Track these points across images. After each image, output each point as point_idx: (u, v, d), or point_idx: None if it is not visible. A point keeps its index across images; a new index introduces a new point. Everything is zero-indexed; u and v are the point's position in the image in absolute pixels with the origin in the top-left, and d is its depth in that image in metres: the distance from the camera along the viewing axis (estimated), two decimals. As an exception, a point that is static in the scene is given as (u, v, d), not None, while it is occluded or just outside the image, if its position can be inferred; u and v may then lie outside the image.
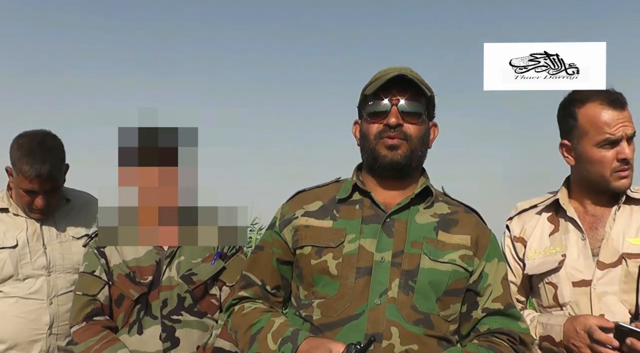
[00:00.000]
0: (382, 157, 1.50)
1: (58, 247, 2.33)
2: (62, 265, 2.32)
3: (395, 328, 1.38)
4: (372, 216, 1.51)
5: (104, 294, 2.00)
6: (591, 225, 1.82)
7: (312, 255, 1.49)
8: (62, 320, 2.29)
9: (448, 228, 1.53)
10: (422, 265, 1.45)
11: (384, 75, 1.51)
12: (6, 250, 2.25)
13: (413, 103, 1.51)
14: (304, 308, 1.50)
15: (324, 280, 1.46)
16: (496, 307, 1.52)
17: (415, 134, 1.51)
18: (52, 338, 2.28)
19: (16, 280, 2.25)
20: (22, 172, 2.16)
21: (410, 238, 1.48)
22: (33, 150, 2.16)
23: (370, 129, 1.53)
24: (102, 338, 1.92)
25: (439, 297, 1.45)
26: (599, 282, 1.74)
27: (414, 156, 1.53)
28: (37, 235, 2.31)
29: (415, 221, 1.52)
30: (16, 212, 2.32)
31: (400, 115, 1.49)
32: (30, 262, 2.27)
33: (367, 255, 1.45)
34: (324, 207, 1.58)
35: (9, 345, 2.24)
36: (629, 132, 1.73)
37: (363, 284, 1.43)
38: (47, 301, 2.27)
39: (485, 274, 1.53)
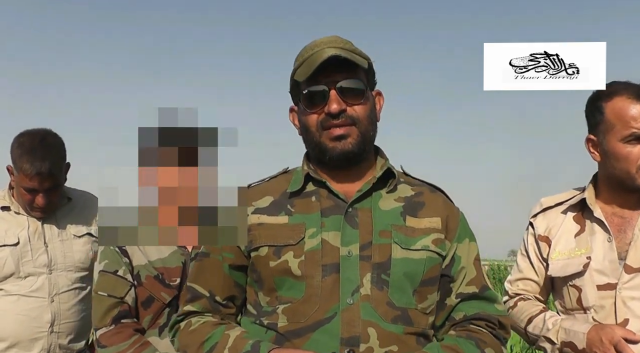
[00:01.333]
0: (331, 150, 1.35)
1: (59, 245, 2.34)
2: (64, 263, 2.32)
3: (372, 329, 1.25)
4: (332, 207, 1.36)
5: (131, 296, 1.93)
6: (619, 227, 1.78)
7: (270, 256, 1.33)
8: (63, 318, 2.29)
9: (415, 212, 1.39)
10: (394, 255, 1.31)
11: (313, 56, 1.33)
12: (7, 248, 2.25)
13: (353, 81, 1.35)
14: (266, 315, 1.33)
15: (287, 282, 1.31)
16: (470, 290, 1.39)
17: (363, 114, 1.36)
18: (54, 337, 2.28)
19: (17, 278, 2.26)
20: (22, 170, 2.16)
21: (377, 228, 1.34)
22: (34, 148, 2.17)
23: (309, 119, 1.38)
24: (135, 342, 1.87)
25: (415, 288, 1.32)
26: (624, 286, 1.70)
27: (367, 139, 1.38)
28: (38, 233, 2.32)
29: (379, 208, 1.37)
30: (18, 210, 2.33)
31: (341, 98, 1.33)
32: (32, 260, 2.27)
33: (332, 250, 1.31)
34: (275, 202, 1.42)
35: (10, 343, 2.24)
36: None
37: (331, 283, 1.28)
38: (48, 299, 2.27)
39: (458, 257, 1.40)
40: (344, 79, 1.34)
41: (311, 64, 1.33)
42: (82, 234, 2.39)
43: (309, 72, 1.33)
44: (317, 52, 1.33)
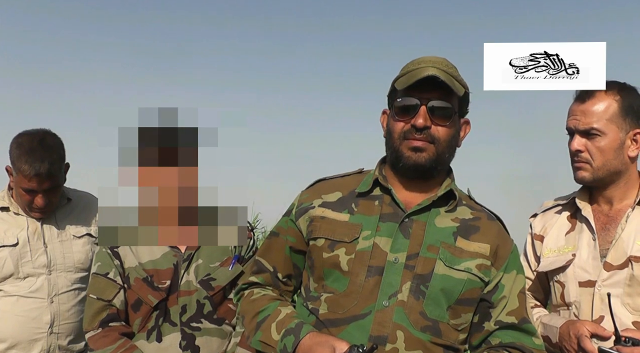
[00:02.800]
0: (406, 158, 1.44)
1: (59, 246, 2.34)
2: (63, 263, 2.32)
3: (401, 333, 1.34)
4: (391, 214, 1.46)
5: (120, 299, 1.95)
6: (604, 225, 1.81)
7: (325, 248, 1.44)
8: (63, 319, 2.29)
9: (468, 235, 1.46)
10: (436, 270, 1.39)
11: (416, 70, 1.42)
12: (7, 249, 2.25)
13: (444, 103, 1.43)
14: (312, 300, 1.46)
15: (335, 274, 1.42)
16: (510, 320, 1.45)
17: (444, 136, 1.44)
18: (53, 337, 2.28)
19: (17, 278, 2.26)
20: (21, 171, 2.16)
21: (427, 242, 1.42)
22: (32, 149, 2.16)
23: (396, 126, 1.46)
24: (120, 346, 1.88)
25: (450, 305, 1.40)
26: (603, 284, 1.73)
27: (440, 159, 1.46)
28: (37, 234, 2.31)
29: (434, 224, 1.45)
30: (17, 211, 2.32)
31: (429, 116, 1.42)
32: (31, 261, 2.27)
33: (381, 254, 1.41)
34: (342, 199, 1.52)
35: (10, 343, 2.24)
36: (577, 126, 1.78)
37: (373, 284, 1.38)
38: (47, 300, 2.27)
39: (502, 285, 1.46)
40: (437, 99, 1.42)
41: (412, 76, 1.42)
42: (82, 235, 2.39)
43: (407, 83, 1.41)
44: (422, 68, 1.42)
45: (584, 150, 1.78)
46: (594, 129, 1.75)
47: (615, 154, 1.76)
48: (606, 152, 1.76)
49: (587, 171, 1.79)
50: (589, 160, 1.78)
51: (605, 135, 1.75)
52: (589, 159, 1.78)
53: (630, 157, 1.78)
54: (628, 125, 1.76)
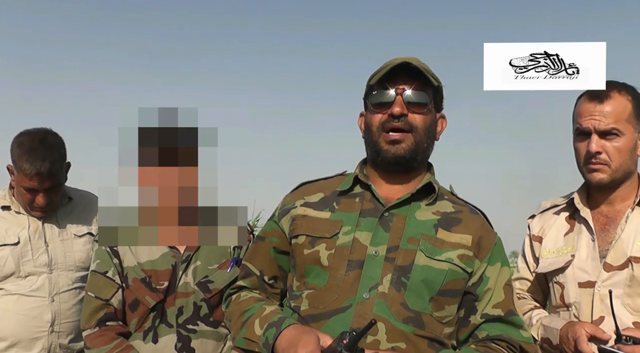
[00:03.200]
0: (385, 151, 1.46)
1: (60, 245, 2.34)
2: (64, 262, 2.33)
3: (382, 324, 1.33)
4: (371, 209, 1.47)
5: (117, 298, 1.95)
6: (603, 226, 1.80)
7: (306, 245, 1.45)
8: (64, 318, 2.30)
9: (449, 227, 1.46)
10: (417, 261, 1.39)
11: (389, 64, 1.46)
12: (8, 248, 2.26)
13: (419, 93, 1.46)
14: (294, 298, 1.46)
15: (315, 270, 1.43)
16: (496, 313, 1.44)
17: (421, 124, 1.46)
18: (54, 336, 2.28)
19: (18, 277, 2.26)
20: (22, 170, 2.16)
21: (407, 234, 1.42)
22: (33, 148, 2.17)
23: (373, 119, 1.49)
24: (116, 346, 1.89)
25: (433, 296, 1.39)
26: (603, 284, 1.73)
27: (419, 149, 1.47)
28: (39, 232, 2.32)
29: (415, 217, 1.46)
30: (18, 210, 2.33)
31: (405, 105, 1.44)
32: (32, 260, 2.28)
33: (361, 248, 1.41)
34: (324, 198, 1.54)
35: (11, 342, 2.25)
36: (598, 126, 1.74)
37: (353, 277, 1.38)
38: (48, 298, 2.27)
39: (486, 278, 1.45)
40: (412, 89, 1.45)
41: (385, 70, 1.46)
42: (83, 234, 2.39)
43: (381, 73, 1.45)
44: (393, 62, 1.45)
45: (602, 152, 1.74)
46: (615, 129, 1.73)
47: (631, 154, 1.76)
48: (623, 153, 1.74)
49: (605, 173, 1.76)
50: (607, 162, 1.75)
51: (624, 135, 1.73)
52: (608, 160, 1.74)
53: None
54: (638, 126, 1.76)
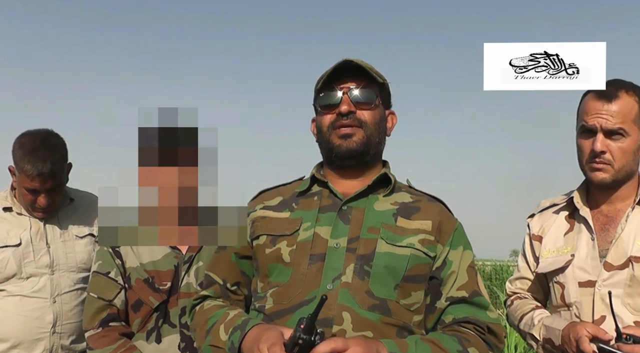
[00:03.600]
0: (337, 147, 1.48)
1: (61, 246, 2.34)
2: (66, 263, 2.33)
3: (347, 314, 1.33)
4: (329, 205, 1.49)
5: (120, 299, 1.95)
6: (603, 225, 1.80)
7: (267, 244, 1.47)
8: (65, 319, 2.29)
9: (408, 215, 1.48)
10: (378, 249, 1.40)
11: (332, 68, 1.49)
12: (9, 249, 2.26)
13: (365, 90, 1.49)
14: (259, 300, 1.46)
15: (278, 268, 1.44)
16: (460, 295, 1.45)
17: (370, 119, 1.49)
18: (56, 337, 2.28)
19: (19, 278, 2.26)
20: (24, 170, 2.16)
21: (367, 224, 1.44)
22: (35, 148, 2.17)
23: (323, 120, 1.52)
24: (120, 347, 1.89)
25: (397, 283, 1.39)
26: (603, 284, 1.72)
27: (371, 142, 1.50)
28: (40, 234, 2.32)
29: (373, 208, 1.48)
30: (20, 211, 2.33)
31: (352, 103, 1.48)
32: (34, 261, 2.28)
33: (322, 242, 1.42)
34: (283, 201, 1.57)
35: (13, 343, 2.24)
36: (604, 125, 1.72)
37: (316, 270, 1.39)
38: (50, 299, 2.27)
39: (449, 261, 1.47)
40: (357, 88, 1.49)
41: (328, 72, 1.49)
42: (84, 235, 2.39)
43: (326, 75, 1.49)
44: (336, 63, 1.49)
45: (607, 151, 1.73)
46: (622, 129, 1.71)
47: (634, 155, 1.75)
48: (627, 154, 1.73)
49: (607, 173, 1.75)
50: (611, 162, 1.74)
51: (630, 136, 1.72)
52: (611, 160, 1.73)
53: None
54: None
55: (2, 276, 2.26)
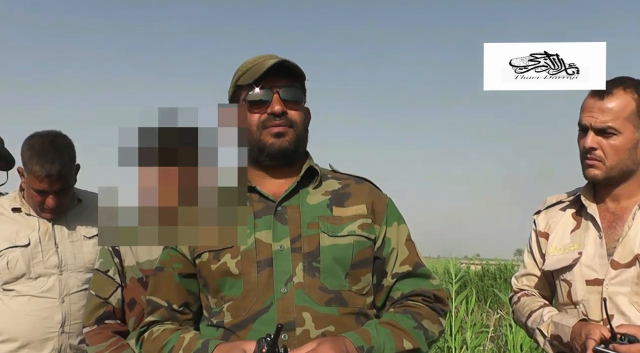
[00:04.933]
0: (270, 146, 1.47)
1: (70, 247, 2.36)
2: (74, 264, 2.35)
3: (307, 313, 1.35)
4: (263, 209, 1.47)
5: (116, 297, 1.97)
6: (610, 223, 1.80)
7: (211, 260, 1.44)
8: (74, 319, 2.31)
9: (342, 203, 1.49)
10: (322, 243, 1.41)
11: (261, 63, 1.47)
12: (18, 249, 2.28)
13: (293, 90, 1.49)
14: (215, 315, 1.44)
15: (228, 281, 1.42)
16: (404, 269, 1.48)
17: (299, 119, 1.50)
18: (65, 337, 2.30)
19: (28, 278, 2.28)
20: (32, 172, 2.18)
21: (305, 221, 1.44)
22: (43, 150, 2.19)
23: (251, 119, 1.48)
24: (112, 344, 1.91)
25: (347, 272, 1.42)
26: (611, 282, 1.72)
27: (300, 142, 1.51)
28: (49, 234, 2.34)
29: (307, 203, 1.48)
30: (28, 212, 2.35)
31: (283, 103, 1.47)
32: (42, 261, 2.30)
33: (265, 246, 1.42)
34: None
35: (22, 343, 2.26)
36: (594, 123, 1.75)
37: (266, 276, 1.39)
38: (59, 299, 2.29)
39: (388, 239, 1.50)
40: (286, 87, 1.48)
41: (258, 70, 1.45)
42: (92, 235, 2.41)
43: (256, 75, 1.45)
44: (262, 62, 1.47)
45: (597, 148, 1.75)
46: (611, 127, 1.72)
47: (630, 153, 1.74)
48: (620, 152, 1.74)
49: (599, 169, 1.77)
50: (602, 158, 1.75)
51: (622, 134, 1.72)
52: (603, 157, 1.75)
53: None
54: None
55: (11, 276, 2.28)
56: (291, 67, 1.47)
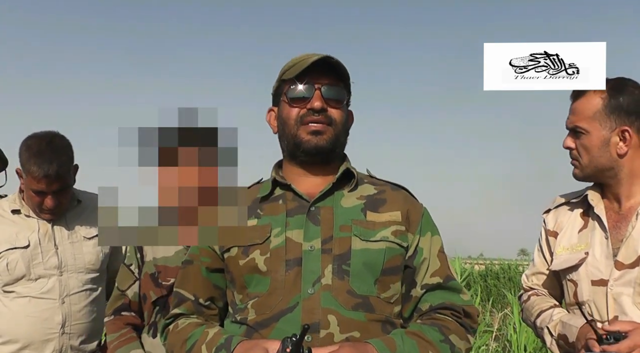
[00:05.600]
0: (306, 142, 1.45)
1: (69, 247, 2.36)
2: (74, 265, 2.34)
3: (332, 316, 1.32)
4: (296, 208, 1.46)
5: (133, 290, 2.00)
6: (615, 223, 1.80)
7: (240, 255, 1.43)
8: (74, 320, 2.31)
9: (376, 208, 1.47)
10: (353, 247, 1.39)
11: (306, 59, 1.45)
12: (18, 251, 2.28)
13: (336, 88, 1.47)
14: (239, 312, 1.43)
15: (255, 278, 1.40)
16: (435, 281, 1.45)
17: (339, 119, 1.47)
18: (65, 338, 2.30)
19: (28, 280, 2.28)
20: (30, 172, 2.18)
21: (338, 223, 1.42)
22: (41, 150, 2.19)
23: (291, 113, 1.47)
24: (121, 335, 1.94)
25: (377, 278, 1.39)
26: (615, 283, 1.72)
27: (338, 142, 1.48)
28: (48, 235, 2.34)
29: (341, 205, 1.46)
30: (28, 213, 2.35)
31: (324, 100, 1.44)
32: (42, 262, 2.30)
33: (296, 246, 1.40)
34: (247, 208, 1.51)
35: (23, 344, 2.27)
36: (567, 124, 1.83)
37: (294, 275, 1.37)
38: (59, 300, 2.29)
39: (420, 249, 1.46)
40: (329, 85, 1.46)
41: (301, 65, 1.44)
42: (92, 236, 2.41)
43: (299, 70, 1.43)
44: (307, 58, 1.44)
45: (574, 148, 1.81)
46: (578, 127, 1.78)
47: (600, 151, 1.77)
48: (590, 150, 1.78)
49: (577, 168, 1.83)
50: (577, 158, 1.82)
51: (589, 133, 1.77)
52: (577, 156, 1.81)
53: (620, 154, 1.77)
54: (614, 123, 1.75)
55: (12, 278, 2.28)
56: (335, 65, 1.45)
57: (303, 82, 1.45)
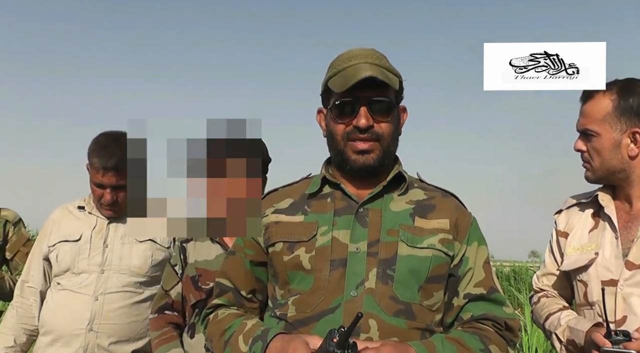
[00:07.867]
0: (353, 161, 1.44)
1: (119, 248, 2.38)
2: (118, 265, 2.35)
3: (373, 321, 1.31)
4: (345, 208, 1.45)
5: (176, 291, 2.07)
6: (626, 223, 1.78)
7: (284, 251, 1.43)
8: (105, 319, 2.28)
9: (425, 214, 1.45)
10: (400, 252, 1.37)
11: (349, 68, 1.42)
12: (68, 244, 2.37)
13: (383, 101, 1.43)
14: (279, 307, 1.43)
15: (299, 275, 1.40)
16: (478, 292, 1.42)
17: (387, 132, 1.45)
18: (92, 335, 2.26)
19: (72, 273, 2.34)
20: (92, 164, 2.31)
21: (385, 227, 1.41)
22: (106, 145, 2.32)
23: (337, 129, 1.46)
24: (162, 334, 2.01)
25: (421, 285, 1.37)
26: (625, 283, 1.69)
27: (387, 155, 1.47)
28: (102, 233, 2.40)
29: (390, 209, 1.45)
30: (91, 210, 2.45)
31: (370, 115, 1.42)
32: (87, 258, 2.35)
33: (341, 246, 1.39)
34: (294, 203, 1.52)
35: (55, 336, 2.30)
36: (577, 127, 1.84)
37: (338, 276, 1.36)
38: (92, 297, 2.29)
39: (466, 258, 1.44)
40: (375, 96, 1.42)
41: (346, 77, 1.41)
42: (144, 239, 2.42)
43: (344, 86, 1.40)
44: (354, 65, 1.42)
45: (585, 151, 1.82)
46: (588, 129, 1.79)
47: (612, 153, 1.77)
48: (601, 152, 1.78)
49: (589, 171, 1.84)
50: (588, 160, 1.82)
51: (599, 135, 1.77)
52: (589, 159, 1.82)
53: (631, 156, 1.75)
54: (624, 125, 1.74)
55: (59, 269, 2.37)
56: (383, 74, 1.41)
57: (346, 96, 1.42)
